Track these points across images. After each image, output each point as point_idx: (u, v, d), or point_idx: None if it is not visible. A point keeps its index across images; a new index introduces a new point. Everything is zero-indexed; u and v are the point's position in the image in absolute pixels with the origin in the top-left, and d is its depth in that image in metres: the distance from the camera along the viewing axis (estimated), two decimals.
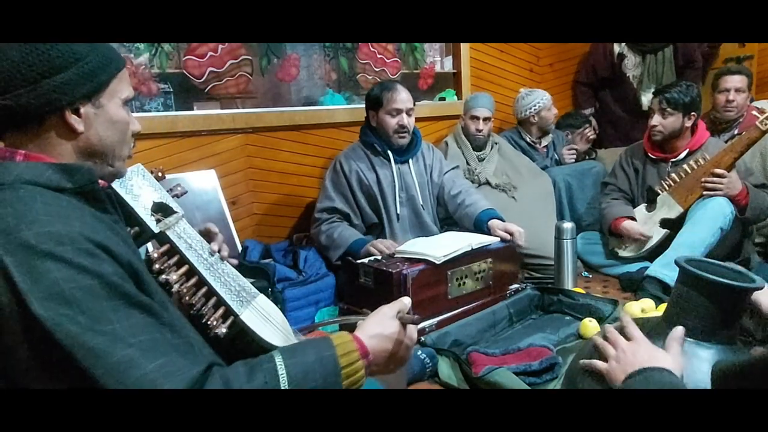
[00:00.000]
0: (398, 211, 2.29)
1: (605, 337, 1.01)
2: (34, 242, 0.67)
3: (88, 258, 0.69)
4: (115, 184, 0.95)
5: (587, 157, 3.22)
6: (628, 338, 0.97)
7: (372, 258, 1.98)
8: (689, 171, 2.30)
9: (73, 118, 0.79)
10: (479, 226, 2.21)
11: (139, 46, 2.23)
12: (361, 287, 1.90)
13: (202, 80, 2.41)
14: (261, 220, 2.60)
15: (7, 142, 0.79)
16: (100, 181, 0.84)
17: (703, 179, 2.23)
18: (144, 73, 2.27)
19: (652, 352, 0.92)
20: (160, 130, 2.25)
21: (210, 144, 2.41)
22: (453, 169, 2.46)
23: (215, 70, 2.44)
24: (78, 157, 0.82)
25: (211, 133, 2.40)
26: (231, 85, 2.51)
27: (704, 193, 2.24)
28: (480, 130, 2.78)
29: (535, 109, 3.02)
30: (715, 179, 2.20)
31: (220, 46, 2.43)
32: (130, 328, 0.68)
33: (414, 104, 2.27)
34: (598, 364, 0.97)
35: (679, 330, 0.95)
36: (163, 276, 0.95)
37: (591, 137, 3.30)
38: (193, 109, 2.44)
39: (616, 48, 3.37)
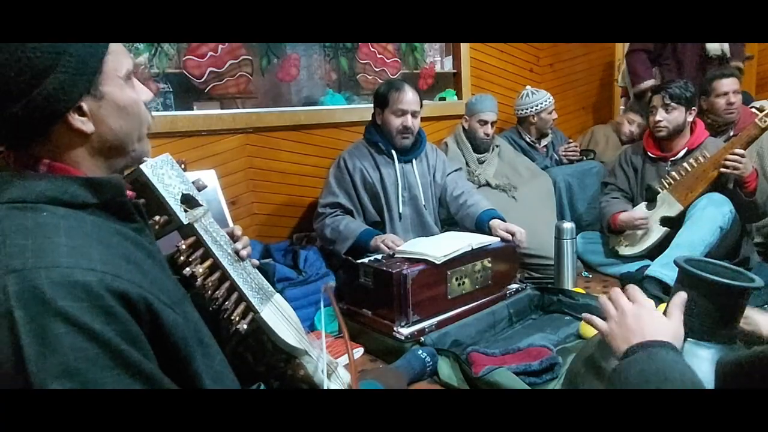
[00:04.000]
0: (400, 210, 2.29)
1: (609, 298, 0.98)
2: (49, 296, 0.62)
3: (101, 318, 0.64)
4: (147, 171, 0.91)
5: (585, 158, 3.21)
6: (631, 301, 0.95)
7: (372, 258, 1.98)
8: (689, 169, 2.31)
9: (78, 121, 0.72)
10: (480, 226, 2.21)
11: (139, 46, 2.24)
12: (361, 287, 1.90)
13: (202, 80, 2.41)
14: (261, 220, 2.60)
15: (26, 152, 0.74)
16: (128, 192, 0.80)
17: (722, 158, 2.21)
18: (144, 73, 2.27)
19: (654, 319, 0.90)
20: (160, 130, 2.25)
21: (210, 144, 2.41)
22: (456, 170, 2.47)
23: (215, 70, 2.44)
24: (98, 157, 0.76)
25: (211, 133, 2.40)
26: (231, 85, 2.51)
27: (723, 171, 2.21)
28: (488, 135, 2.79)
29: (535, 110, 3.02)
30: (734, 157, 2.18)
31: (220, 46, 2.43)
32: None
33: (421, 105, 2.27)
34: (598, 322, 0.95)
35: (681, 296, 0.93)
36: (188, 269, 0.94)
37: (573, 152, 3.15)
38: (193, 109, 2.44)
39: None
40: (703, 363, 0.94)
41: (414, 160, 2.33)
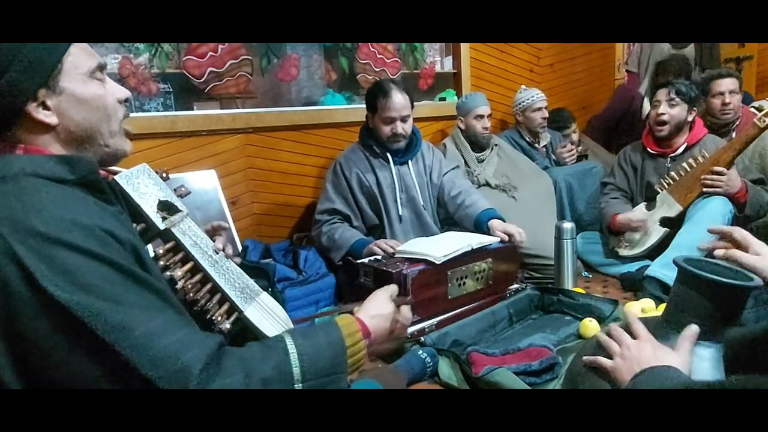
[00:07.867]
0: (400, 212, 2.29)
1: (609, 335, 1.00)
2: (43, 229, 0.67)
3: (97, 243, 0.70)
4: (123, 182, 0.95)
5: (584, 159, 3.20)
6: (633, 336, 0.96)
7: (372, 258, 1.98)
8: (688, 169, 2.31)
9: (42, 114, 0.77)
10: (479, 226, 2.21)
11: (139, 46, 2.23)
12: (361, 287, 1.90)
13: (202, 80, 2.41)
14: (261, 220, 2.60)
15: (2, 140, 0.78)
16: (102, 171, 0.84)
17: (702, 177, 2.23)
18: (144, 73, 2.27)
19: (658, 351, 0.91)
20: (160, 130, 2.25)
21: (210, 144, 2.41)
22: (453, 169, 2.45)
23: (215, 70, 2.44)
24: (68, 148, 0.81)
25: (211, 133, 2.40)
26: (231, 85, 2.51)
27: (704, 190, 2.23)
28: (486, 128, 2.80)
29: (519, 108, 3.05)
30: (714, 177, 2.20)
31: (220, 46, 2.43)
32: (146, 307, 0.70)
33: (412, 106, 2.25)
34: (603, 361, 0.96)
35: (692, 329, 0.94)
36: (168, 272, 0.97)
37: (569, 153, 3.14)
38: (193, 109, 2.44)
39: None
40: (703, 363, 0.94)
41: (410, 162, 2.33)
